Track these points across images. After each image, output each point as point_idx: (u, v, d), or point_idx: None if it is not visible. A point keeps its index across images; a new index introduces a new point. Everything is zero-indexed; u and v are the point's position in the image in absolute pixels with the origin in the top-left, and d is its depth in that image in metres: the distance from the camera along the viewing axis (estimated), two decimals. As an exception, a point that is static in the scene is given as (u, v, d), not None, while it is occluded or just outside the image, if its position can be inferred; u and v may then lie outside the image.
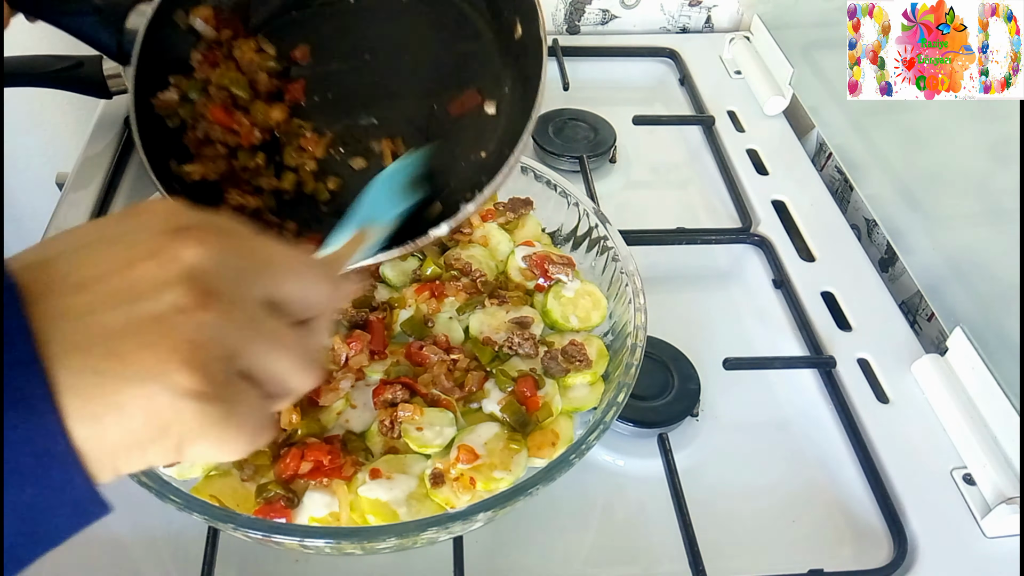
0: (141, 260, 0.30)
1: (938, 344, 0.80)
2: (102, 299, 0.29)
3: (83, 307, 0.29)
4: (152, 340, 0.29)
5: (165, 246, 0.31)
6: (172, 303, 0.30)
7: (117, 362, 0.29)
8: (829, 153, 1.03)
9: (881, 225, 0.91)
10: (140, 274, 0.30)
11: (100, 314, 0.29)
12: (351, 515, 0.55)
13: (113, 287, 0.30)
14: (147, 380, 0.29)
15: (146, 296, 0.30)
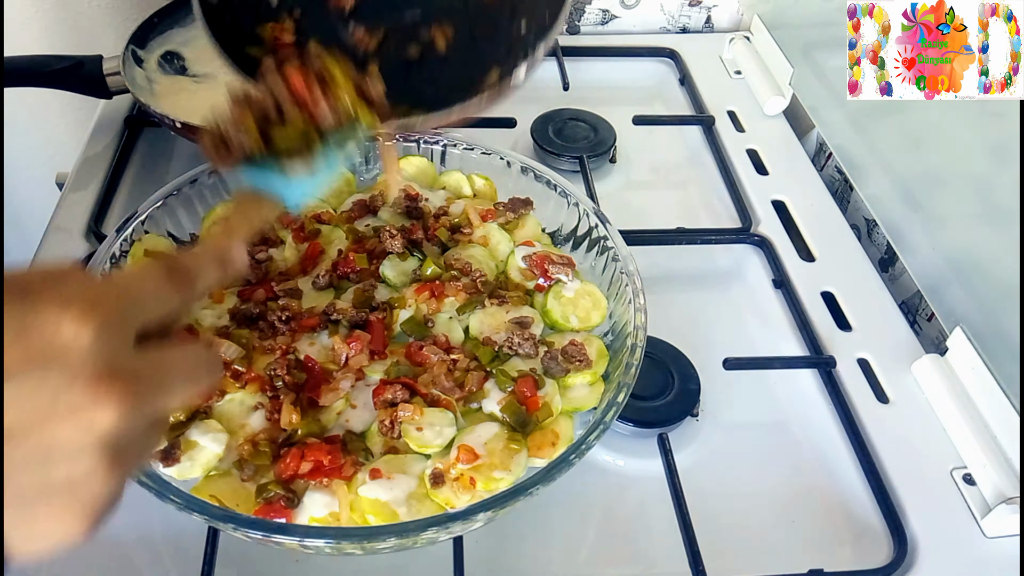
0: (60, 419, 0.31)
1: (938, 344, 0.80)
2: (20, 458, 0.31)
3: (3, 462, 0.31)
4: (62, 506, 0.32)
5: (83, 406, 0.32)
6: (84, 470, 0.32)
7: (25, 527, 0.32)
8: (829, 153, 1.03)
9: (881, 225, 0.91)
10: (57, 435, 0.31)
11: (16, 474, 0.31)
12: (351, 515, 0.55)
13: (31, 447, 0.31)
14: (56, 533, 0.33)
15: (60, 461, 0.32)
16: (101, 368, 0.33)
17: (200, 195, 0.74)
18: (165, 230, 0.72)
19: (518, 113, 0.99)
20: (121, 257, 0.68)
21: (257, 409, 0.60)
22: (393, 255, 0.71)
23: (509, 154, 0.78)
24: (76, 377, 0.32)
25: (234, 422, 0.59)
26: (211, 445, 0.57)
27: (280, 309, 0.66)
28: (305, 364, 0.63)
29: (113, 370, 0.33)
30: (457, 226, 0.74)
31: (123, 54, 0.91)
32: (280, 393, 0.61)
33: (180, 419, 0.59)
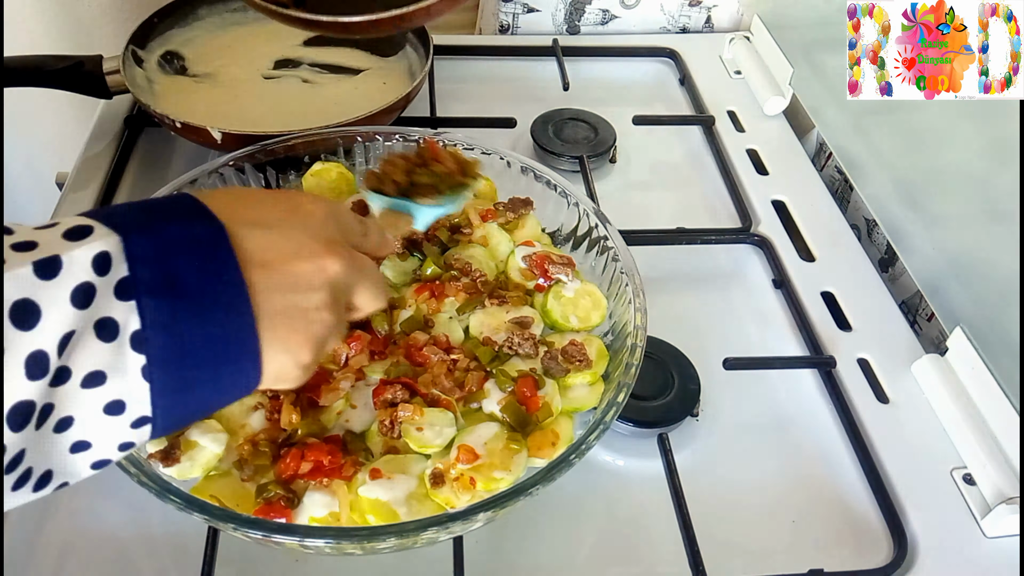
0: (302, 260, 0.44)
1: (938, 344, 0.80)
2: (274, 283, 0.42)
3: (261, 284, 0.42)
4: (297, 327, 0.43)
5: (319, 255, 0.45)
6: (315, 303, 0.44)
7: (272, 334, 0.42)
8: (829, 153, 1.03)
9: (881, 225, 0.91)
10: (300, 272, 0.44)
11: (270, 293, 0.42)
12: (351, 515, 0.55)
13: (281, 275, 0.43)
14: (286, 352, 0.43)
15: (300, 291, 0.43)
16: (331, 235, 0.47)
17: (200, 195, 0.74)
18: (165, 230, 0.72)
19: (518, 113, 0.99)
20: (121, 257, 0.68)
21: (257, 409, 0.60)
22: (393, 255, 0.71)
23: (509, 154, 0.78)
24: (316, 235, 0.45)
25: (234, 422, 0.59)
26: (211, 445, 0.57)
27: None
28: (305, 364, 0.63)
29: (337, 240, 0.47)
30: (457, 226, 0.74)
31: (123, 54, 0.91)
32: (280, 393, 0.61)
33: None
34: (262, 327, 0.41)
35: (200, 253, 0.40)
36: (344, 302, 0.48)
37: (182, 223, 0.40)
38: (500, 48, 1.14)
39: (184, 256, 0.39)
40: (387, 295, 0.54)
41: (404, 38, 1.02)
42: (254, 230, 0.43)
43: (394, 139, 0.80)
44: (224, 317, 0.40)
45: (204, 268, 0.39)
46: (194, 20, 1.02)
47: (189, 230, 0.40)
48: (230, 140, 0.82)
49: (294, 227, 0.45)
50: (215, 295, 0.40)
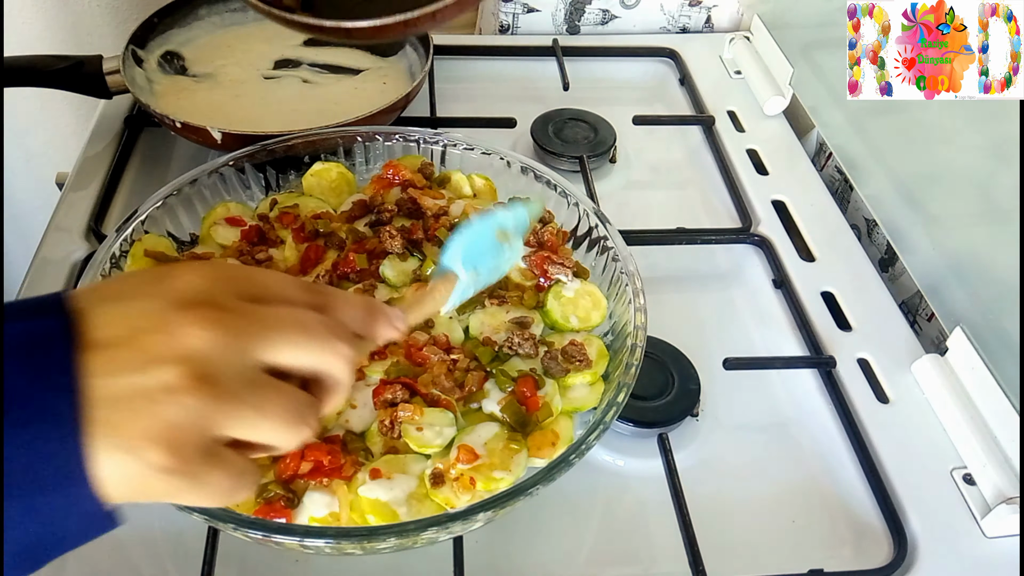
0: (151, 332, 0.35)
1: (938, 344, 0.80)
2: (114, 364, 0.34)
3: (100, 367, 0.34)
4: (138, 413, 0.34)
5: (172, 323, 0.35)
6: (163, 382, 0.34)
7: (110, 428, 0.33)
8: (829, 153, 1.03)
9: (881, 225, 0.91)
10: (146, 346, 0.34)
11: (108, 377, 0.34)
12: (351, 515, 0.55)
13: (123, 354, 0.34)
14: (125, 452, 0.33)
15: (144, 370, 0.34)
16: (196, 297, 0.36)
17: (200, 195, 0.74)
18: (165, 230, 0.72)
19: (518, 113, 0.99)
20: (121, 257, 0.68)
21: (257, 409, 0.60)
22: (393, 255, 0.71)
23: (509, 154, 0.78)
24: (173, 302, 0.36)
25: (234, 422, 0.59)
26: (211, 445, 0.57)
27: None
28: (305, 364, 0.63)
29: (207, 300, 0.36)
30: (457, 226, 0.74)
31: (123, 54, 0.91)
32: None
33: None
34: (97, 424, 0.33)
35: (32, 354, 0.33)
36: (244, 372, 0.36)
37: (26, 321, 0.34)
38: (500, 48, 1.14)
39: (15, 359, 0.33)
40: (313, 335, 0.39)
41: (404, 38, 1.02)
42: (105, 305, 0.36)
43: (394, 139, 0.80)
44: (39, 431, 0.32)
45: (33, 373, 0.33)
46: (194, 20, 1.02)
47: (29, 327, 0.34)
48: (230, 140, 0.82)
49: (151, 295, 0.36)
50: (35, 405, 0.32)
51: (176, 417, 0.34)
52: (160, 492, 0.35)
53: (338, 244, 0.72)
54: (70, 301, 0.35)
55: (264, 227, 0.73)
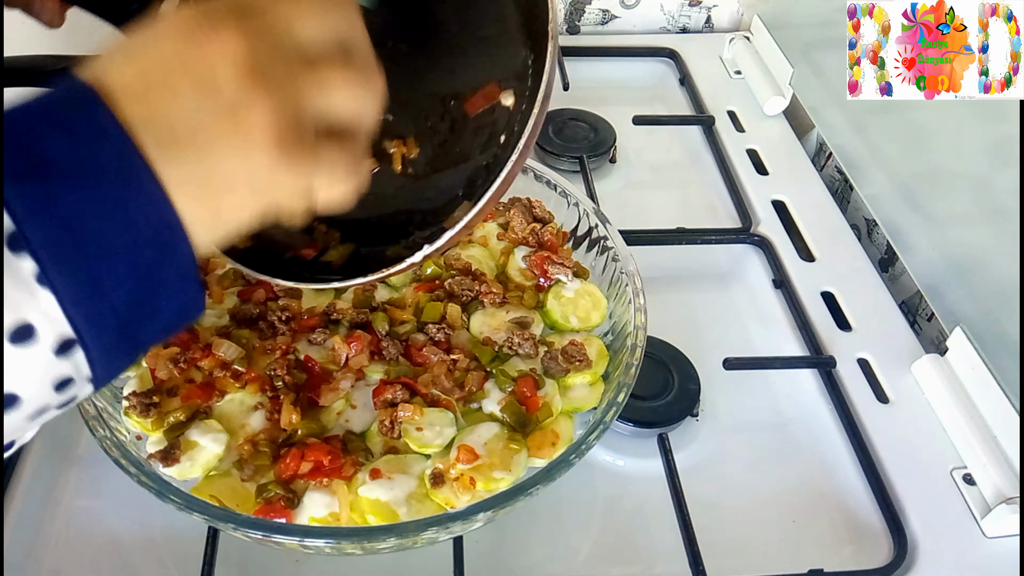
0: (190, 53, 0.33)
1: (938, 344, 0.80)
2: (174, 98, 0.33)
3: (162, 107, 0.32)
4: (235, 120, 0.33)
5: (205, 37, 0.34)
6: (233, 89, 0.33)
7: (214, 144, 0.33)
8: (829, 153, 1.03)
9: (881, 225, 0.91)
10: (195, 67, 0.33)
11: (183, 111, 0.33)
12: (351, 515, 0.55)
13: (180, 86, 0.33)
14: (241, 151, 0.33)
15: (209, 87, 0.33)
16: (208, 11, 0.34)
17: (200, 195, 0.74)
18: (165, 230, 0.72)
19: (518, 113, 0.99)
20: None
21: (257, 409, 0.60)
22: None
23: (509, 154, 0.78)
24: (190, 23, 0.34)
25: (234, 422, 0.59)
26: (211, 445, 0.57)
27: (280, 309, 0.66)
28: (305, 364, 0.63)
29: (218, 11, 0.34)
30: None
31: (123, 54, 0.91)
32: (280, 393, 0.61)
33: (180, 419, 0.58)
34: (172, 159, 0.32)
35: (65, 120, 0.31)
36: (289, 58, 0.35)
37: (41, 95, 0.32)
38: (500, 48, 1.14)
39: (46, 128, 0.31)
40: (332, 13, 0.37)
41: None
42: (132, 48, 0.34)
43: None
44: (115, 189, 0.31)
45: (72, 136, 0.31)
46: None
47: (49, 98, 0.32)
48: (230, 140, 0.82)
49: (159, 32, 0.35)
50: (95, 164, 0.31)
51: (265, 106, 0.34)
52: (288, 182, 0.35)
53: None
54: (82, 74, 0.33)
55: (264, 227, 0.73)
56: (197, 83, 0.33)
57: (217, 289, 0.67)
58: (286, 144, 0.34)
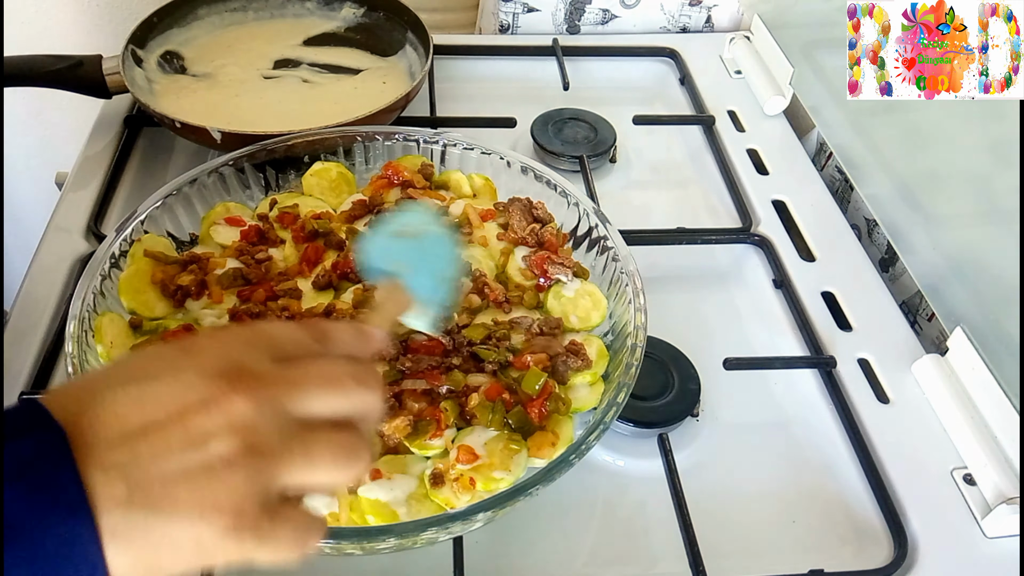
0: (195, 411, 0.35)
1: (938, 344, 0.80)
2: (163, 448, 0.34)
3: (145, 456, 0.34)
4: (202, 489, 0.34)
5: (216, 397, 0.36)
6: (220, 454, 0.35)
7: (175, 509, 0.34)
8: (829, 153, 1.03)
9: (881, 225, 0.91)
10: (195, 424, 0.35)
11: (161, 462, 0.34)
12: (351, 515, 0.55)
13: (172, 436, 0.35)
14: (197, 522, 0.34)
15: (198, 446, 0.35)
16: (230, 367, 0.37)
17: (200, 195, 0.74)
18: (165, 230, 0.72)
19: (518, 113, 0.99)
20: (121, 257, 0.68)
21: (257, 409, 0.60)
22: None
23: (509, 154, 0.78)
24: (212, 371, 0.36)
25: (234, 422, 0.59)
26: (211, 445, 0.57)
27: (280, 309, 0.66)
28: (305, 364, 0.63)
29: (240, 368, 0.37)
30: (457, 226, 0.74)
31: (123, 54, 0.91)
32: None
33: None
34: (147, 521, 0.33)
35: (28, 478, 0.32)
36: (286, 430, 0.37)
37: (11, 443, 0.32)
38: (500, 48, 1.14)
39: (10, 487, 0.31)
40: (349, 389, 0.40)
41: (404, 38, 1.03)
42: (127, 388, 0.35)
43: (394, 139, 0.80)
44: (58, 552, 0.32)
45: (33, 497, 0.32)
46: (193, 20, 1.02)
47: (16, 451, 0.32)
48: (230, 140, 0.82)
49: (182, 369, 0.37)
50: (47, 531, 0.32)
51: (236, 484, 0.35)
52: (227, 555, 0.36)
53: (337, 244, 0.72)
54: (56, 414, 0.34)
55: (264, 227, 0.73)
56: (189, 441, 0.35)
57: (216, 289, 0.67)
58: (239, 525, 0.35)
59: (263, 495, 0.36)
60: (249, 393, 0.36)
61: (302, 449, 0.38)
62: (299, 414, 0.38)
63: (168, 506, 0.34)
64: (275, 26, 1.05)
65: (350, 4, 1.06)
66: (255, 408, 0.36)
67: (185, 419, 0.35)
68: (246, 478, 0.35)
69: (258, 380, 0.37)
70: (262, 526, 0.36)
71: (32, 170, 1.46)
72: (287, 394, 0.38)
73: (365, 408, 0.41)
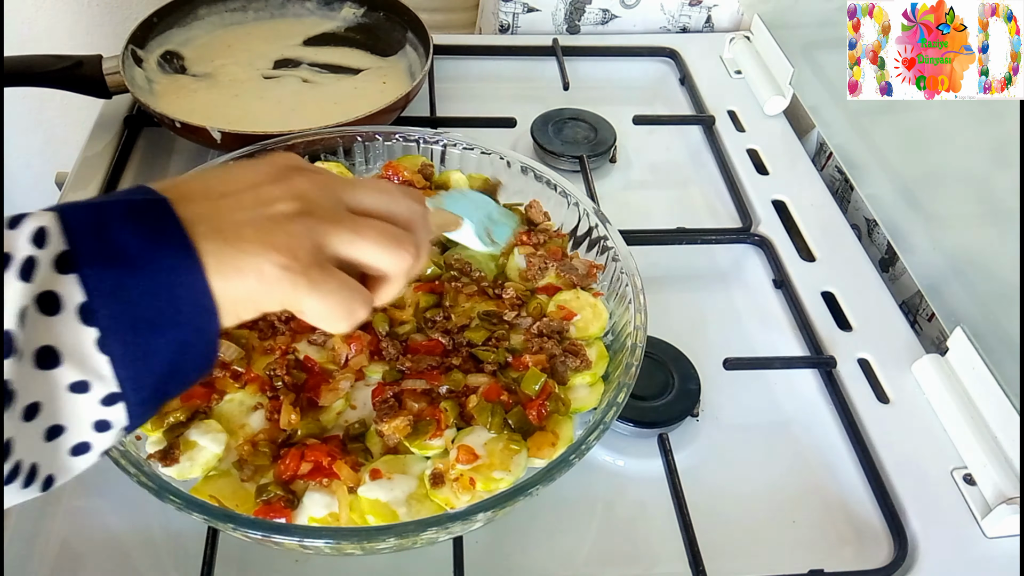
0: (266, 183, 0.44)
1: (938, 344, 0.80)
2: (237, 205, 0.42)
3: (224, 208, 0.42)
4: (265, 232, 0.41)
5: (284, 176, 0.45)
6: (282, 211, 0.43)
7: (242, 244, 0.41)
8: (829, 153, 1.03)
9: (881, 225, 0.91)
10: (264, 191, 0.43)
11: (235, 213, 0.42)
12: (351, 515, 0.55)
13: (245, 197, 0.43)
14: (259, 256, 0.41)
15: (266, 205, 0.43)
16: (297, 163, 0.47)
17: (200, 195, 0.74)
18: (165, 230, 0.72)
19: (518, 113, 0.99)
20: (121, 257, 0.67)
21: (257, 409, 0.60)
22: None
23: (509, 154, 0.78)
24: (277, 166, 0.46)
25: (234, 422, 0.59)
26: (210, 445, 0.57)
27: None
28: (305, 364, 0.63)
29: (304, 166, 0.47)
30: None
31: (123, 54, 0.91)
32: (280, 393, 0.61)
33: (180, 419, 0.58)
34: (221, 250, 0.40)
35: (139, 219, 0.39)
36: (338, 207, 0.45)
37: (120, 197, 0.40)
38: (500, 48, 1.14)
39: (122, 224, 0.38)
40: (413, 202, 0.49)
41: (404, 38, 1.03)
42: (213, 172, 0.45)
43: (394, 139, 0.80)
44: (169, 278, 0.38)
45: (143, 232, 0.38)
46: (193, 20, 1.02)
47: (127, 200, 0.40)
48: (229, 140, 0.82)
49: (258, 164, 0.46)
50: (157, 258, 0.38)
51: (293, 232, 0.42)
52: (284, 294, 0.41)
53: None
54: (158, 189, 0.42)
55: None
56: (258, 201, 0.43)
57: None
58: (292, 266, 0.41)
59: (315, 249, 0.43)
60: (311, 178, 0.45)
61: (351, 224, 0.45)
62: (351, 203, 0.46)
63: (237, 241, 0.40)
64: (275, 26, 1.05)
65: (350, 4, 1.06)
66: (314, 186, 0.45)
67: (257, 188, 0.43)
68: (302, 231, 0.42)
69: (318, 174, 0.47)
70: (312, 273, 0.42)
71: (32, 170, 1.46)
72: (342, 186, 0.47)
73: (411, 213, 0.49)
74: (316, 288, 0.42)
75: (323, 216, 0.44)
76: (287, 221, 0.42)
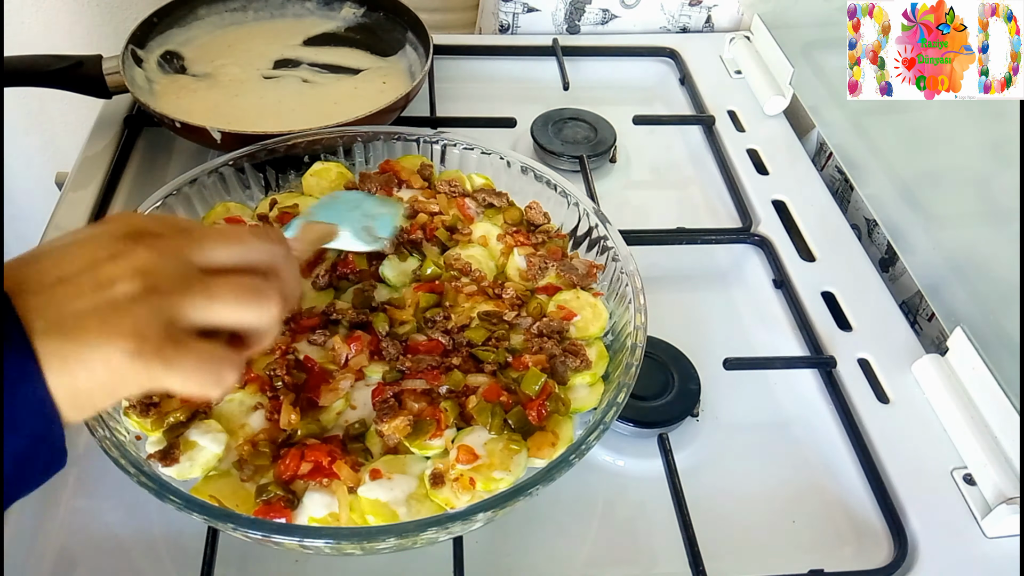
0: (104, 261, 0.41)
1: (938, 344, 0.80)
2: (76, 291, 0.40)
3: (62, 297, 0.39)
4: (108, 319, 0.39)
5: (123, 250, 0.42)
6: (124, 292, 0.40)
7: (85, 336, 0.39)
8: (829, 153, 1.03)
9: (881, 225, 0.91)
10: (103, 271, 0.41)
11: (74, 302, 0.39)
12: (351, 515, 0.55)
13: (83, 281, 0.40)
14: (104, 346, 0.39)
15: (106, 288, 0.40)
16: (136, 229, 0.43)
17: (200, 195, 0.74)
18: (165, 230, 0.72)
19: (518, 113, 0.99)
20: (121, 257, 0.67)
21: (257, 409, 0.60)
22: (392, 255, 0.71)
23: (509, 154, 0.78)
24: (116, 235, 0.42)
25: (234, 422, 0.59)
26: (211, 445, 0.57)
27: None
28: (305, 364, 0.63)
29: (147, 230, 0.43)
30: (455, 227, 0.74)
31: (122, 54, 0.91)
32: (280, 393, 0.61)
33: (180, 419, 0.58)
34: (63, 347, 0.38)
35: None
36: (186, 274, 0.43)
37: None
38: (500, 48, 1.14)
39: None
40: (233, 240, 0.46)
41: (404, 38, 1.03)
42: (49, 253, 0.41)
43: (394, 139, 0.80)
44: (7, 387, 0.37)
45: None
46: (193, 20, 1.02)
47: None
48: (229, 140, 0.82)
49: (96, 235, 0.42)
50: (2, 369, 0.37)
51: (139, 313, 0.40)
52: (139, 379, 0.40)
53: None
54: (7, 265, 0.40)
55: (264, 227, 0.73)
56: (98, 284, 0.40)
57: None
58: (142, 349, 0.39)
59: (166, 326, 0.41)
60: (153, 245, 0.42)
61: (203, 289, 0.43)
62: (201, 262, 0.44)
63: (79, 333, 0.39)
64: (275, 26, 1.05)
65: (350, 4, 1.06)
66: (157, 256, 0.42)
67: (96, 269, 0.41)
68: (148, 311, 0.40)
69: (161, 238, 0.43)
70: (166, 352, 0.40)
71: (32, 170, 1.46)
72: (188, 246, 0.44)
73: (270, 256, 0.47)
74: (172, 367, 0.40)
75: (171, 288, 0.41)
76: (131, 303, 0.40)
